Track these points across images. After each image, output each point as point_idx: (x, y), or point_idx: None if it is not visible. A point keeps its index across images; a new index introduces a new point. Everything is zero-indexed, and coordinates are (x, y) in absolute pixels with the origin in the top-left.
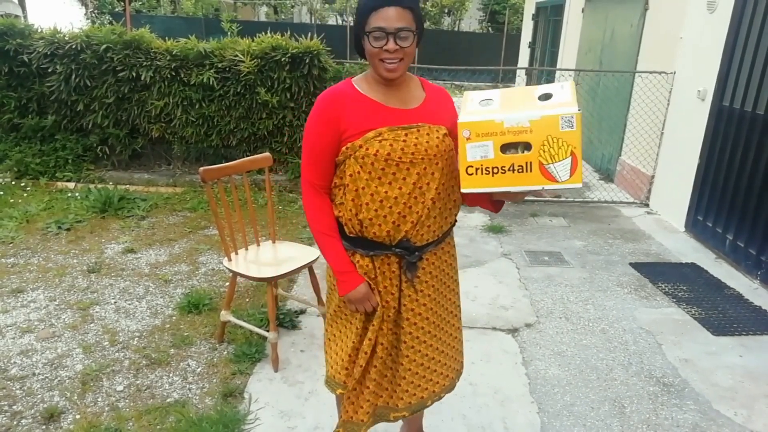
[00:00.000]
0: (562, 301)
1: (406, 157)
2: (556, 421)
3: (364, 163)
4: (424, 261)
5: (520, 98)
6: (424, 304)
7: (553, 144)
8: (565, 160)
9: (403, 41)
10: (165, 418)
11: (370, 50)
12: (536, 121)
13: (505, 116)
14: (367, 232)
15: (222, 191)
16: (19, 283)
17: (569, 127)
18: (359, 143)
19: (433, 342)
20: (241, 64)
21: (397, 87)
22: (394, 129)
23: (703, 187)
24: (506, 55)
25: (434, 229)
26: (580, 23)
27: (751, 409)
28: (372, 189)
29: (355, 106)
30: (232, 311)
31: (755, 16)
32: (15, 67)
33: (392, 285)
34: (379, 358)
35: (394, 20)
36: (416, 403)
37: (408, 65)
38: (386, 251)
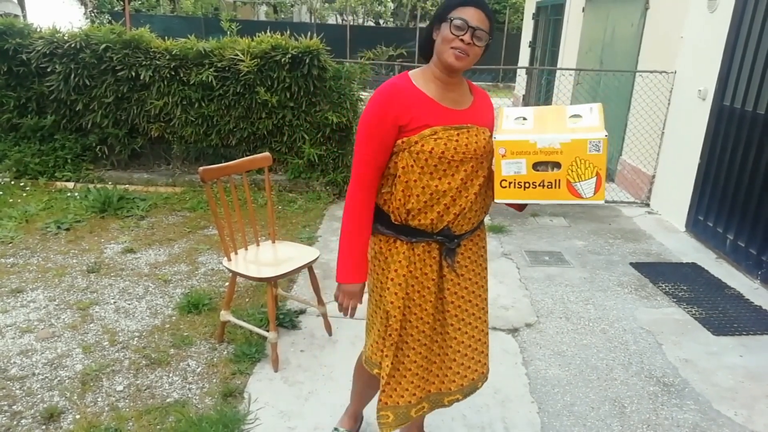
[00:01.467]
0: (562, 301)
1: (457, 156)
2: (556, 421)
3: (418, 158)
4: (462, 247)
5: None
6: (465, 287)
7: (580, 165)
8: (590, 179)
9: (478, 39)
10: (165, 418)
11: (446, 35)
12: (567, 144)
13: (539, 137)
14: (412, 220)
15: (221, 191)
16: (18, 283)
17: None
18: (415, 139)
19: (478, 324)
20: (240, 63)
21: (452, 87)
22: (447, 128)
23: (704, 187)
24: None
25: (474, 221)
26: (581, 22)
27: (751, 410)
28: (423, 182)
29: (414, 102)
30: (231, 311)
31: (756, 15)
32: (14, 66)
33: (432, 271)
34: (420, 343)
35: (477, 20)
36: (468, 385)
37: (470, 65)
38: (428, 238)
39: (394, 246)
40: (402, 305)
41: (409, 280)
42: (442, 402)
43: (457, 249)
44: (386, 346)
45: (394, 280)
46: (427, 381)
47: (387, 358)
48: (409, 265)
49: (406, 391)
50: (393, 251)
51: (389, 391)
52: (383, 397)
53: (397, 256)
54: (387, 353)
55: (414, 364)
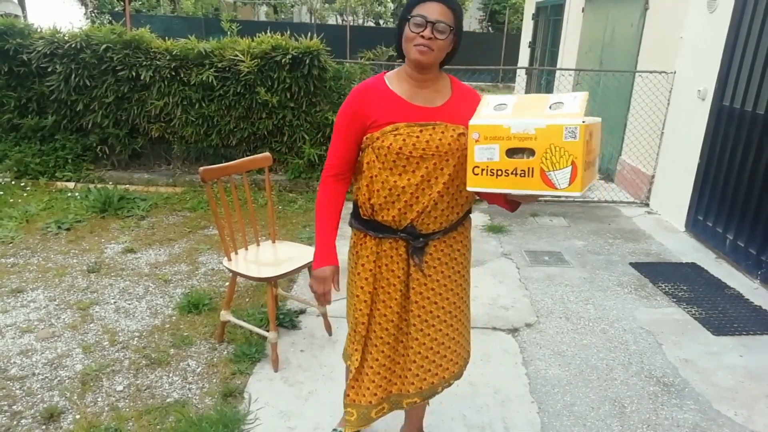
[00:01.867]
0: (562, 301)
1: (416, 152)
2: (556, 421)
3: (379, 154)
4: (432, 248)
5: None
6: (432, 289)
7: (555, 152)
8: (565, 168)
9: (439, 33)
10: (165, 418)
11: (408, 35)
12: (541, 130)
13: (513, 122)
14: (377, 215)
15: (222, 191)
16: (18, 283)
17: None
18: (377, 135)
19: (442, 327)
20: (241, 64)
21: (425, 84)
22: (411, 125)
23: (704, 187)
24: (506, 54)
25: (441, 220)
26: (581, 23)
27: (751, 410)
28: (383, 177)
29: (381, 101)
30: (231, 311)
31: (755, 15)
32: (15, 66)
33: (399, 268)
34: (383, 341)
35: (436, 13)
36: (427, 388)
37: (438, 59)
38: (393, 235)
39: (364, 241)
40: (368, 299)
41: (377, 276)
42: (401, 404)
43: (425, 248)
44: (356, 339)
45: (360, 275)
46: (390, 381)
47: (356, 353)
48: (376, 260)
49: (367, 390)
50: (362, 246)
51: (356, 388)
52: (351, 393)
53: (365, 251)
54: (356, 347)
55: (376, 362)
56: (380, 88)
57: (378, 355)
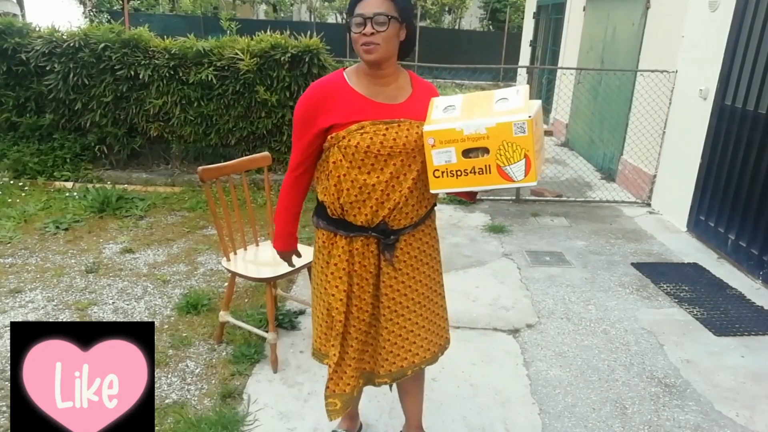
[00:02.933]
0: (563, 302)
1: (384, 150)
2: (557, 422)
3: (346, 153)
4: (402, 242)
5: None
6: (402, 282)
7: (508, 148)
8: (519, 162)
9: (379, 26)
10: (164, 419)
11: (353, 36)
12: (492, 128)
13: (465, 124)
14: (347, 215)
15: (221, 191)
16: (17, 284)
17: (521, 132)
18: (343, 134)
19: (412, 316)
20: (240, 62)
21: (385, 81)
22: (376, 123)
23: (705, 187)
24: (507, 53)
25: (411, 216)
26: (582, 21)
27: (753, 410)
28: (352, 176)
29: (343, 99)
30: (230, 312)
31: (757, 14)
32: (13, 65)
33: (371, 264)
34: (360, 331)
35: (372, 7)
36: (396, 371)
37: (389, 52)
38: (365, 233)
39: (335, 240)
40: (344, 297)
41: (351, 274)
42: (373, 381)
43: (396, 244)
44: (333, 336)
45: (334, 274)
46: (363, 361)
47: (334, 348)
48: (349, 259)
49: (351, 378)
50: (334, 246)
51: (336, 380)
52: (331, 385)
53: (336, 250)
54: (334, 343)
55: (357, 352)
56: (341, 86)
57: (357, 345)
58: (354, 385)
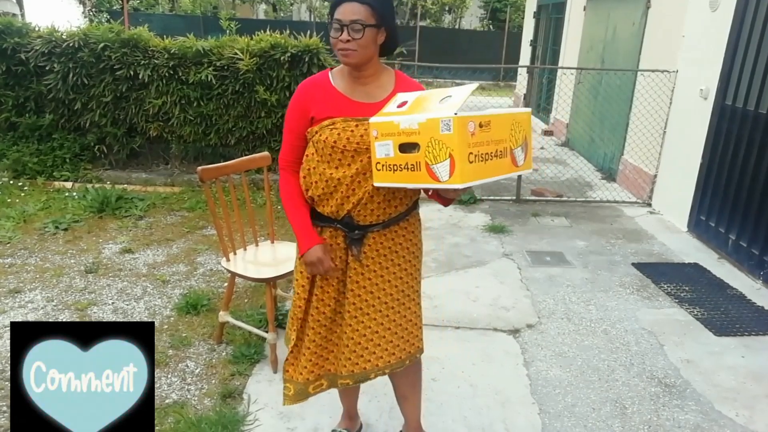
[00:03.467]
0: (563, 302)
1: (350, 146)
2: (557, 422)
3: (317, 147)
4: (371, 239)
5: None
6: (369, 279)
7: (435, 146)
8: (444, 161)
9: (355, 33)
10: (164, 419)
11: (331, 41)
12: (423, 124)
13: (402, 118)
14: (317, 206)
15: (220, 191)
16: (16, 284)
17: (447, 130)
18: (316, 129)
19: (377, 317)
20: (239, 62)
21: (365, 80)
22: (347, 120)
23: (706, 187)
24: (507, 53)
25: (378, 213)
26: (582, 21)
27: (753, 410)
28: (320, 170)
29: (324, 96)
30: (230, 312)
31: (757, 14)
32: (12, 65)
33: (337, 257)
34: (320, 324)
35: (349, 14)
36: (359, 372)
37: (365, 57)
38: (332, 225)
39: None
40: (306, 284)
41: None
42: (335, 383)
43: (364, 240)
44: (293, 322)
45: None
46: (327, 360)
47: (293, 332)
48: None
49: (304, 369)
50: None
51: (293, 363)
52: (289, 369)
53: None
54: (293, 328)
55: (313, 343)
56: (323, 84)
57: (315, 336)
58: (308, 378)
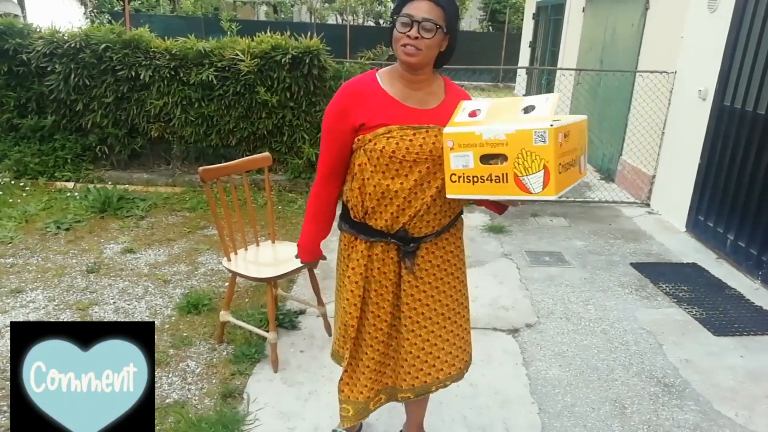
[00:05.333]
0: (562, 302)
1: (410, 156)
2: (556, 422)
3: (371, 156)
4: (424, 251)
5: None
6: (424, 291)
7: (527, 157)
8: (538, 173)
9: (426, 32)
10: (164, 419)
11: (395, 35)
12: (511, 135)
13: (485, 129)
14: (369, 219)
15: (221, 191)
16: (18, 283)
17: (542, 141)
18: (369, 137)
19: (435, 329)
20: (240, 63)
21: (418, 86)
22: (403, 128)
23: (704, 187)
24: (507, 54)
25: (433, 224)
26: (581, 22)
27: (752, 410)
28: (375, 181)
29: (373, 101)
30: (231, 311)
31: (756, 15)
32: (14, 66)
33: (390, 271)
34: (378, 341)
35: (423, 11)
36: (419, 386)
37: (428, 59)
38: (384, 239)
39: (355, 244)
40: (358, 302)
41: (368, 278)
42: (395, 397)
43: (417, 252)
44: (346, 341)
45: (351, 278)
46: (384, 374)
47: (347, 351)
48: (367, 264)
49: (365, 387)
50: (353, 249)
51: (350, 385)
52: (343, 387)
53: (356, 254)
54: (347, 347)
55: (372, 361)
56: (372, 87)
57: (374, 354)
58: (369, 396)
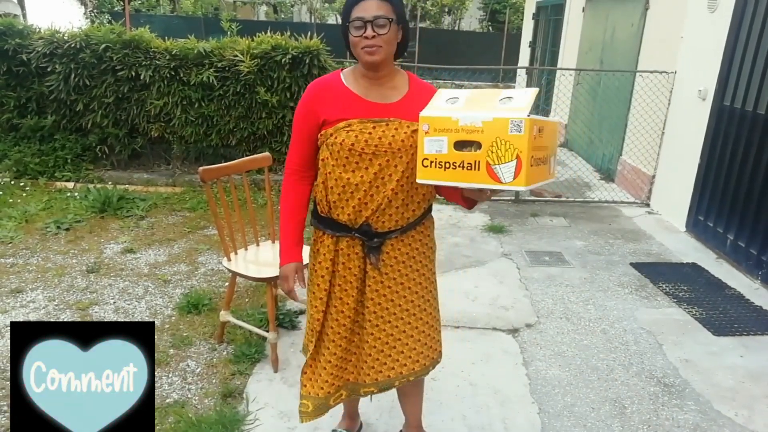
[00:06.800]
0: (562, 302)
1: (368, 149)
2: (556, 422)
3: (333, 150)
4: (389, 246)
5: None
6: (389, 287)
7: (501, 146)
8: (510, 162)
9: (380, 28)
10: (164, 419)
11: (352, 40)
12: (488, 122)
13: (462, 115)
14: (333, 213)
15: (221, 191)
16: (18, 283)
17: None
18: (330, 131)
19: (399, 324)
20: (240, 63)
21: (380, 82)
22: (363, 121)
23: (704, 187)
24: (506, 54)
25: (396, 218)
26: (581, 22)
27: (751, 410)
28: (336, 174)
29: (336, 97)
30: (231, 311)
31: (756, 15)
32: (14, 66)
33: (356, 266)
34: (340, 336)
35: (372, 10)
36: (383, 380)
37: (388, 53)
38: (349, 234)
39: (323, 239)
40: (324, 296)
41: (334, 273)
42: (358, 392)
43: (382, 247)
44: (311, 334)
45: (317, 272)
46: (345, 370)
47: (311, 344)
48: (333, 258)
49: (325, 383)
50: (321, 244)
51: (312, 379)
52: (306, 383)
53: (323, 249)
54: (311, 340)
55: (334, 356)
56: (335, 85)
57: (335, 348)
58: (329, 392)
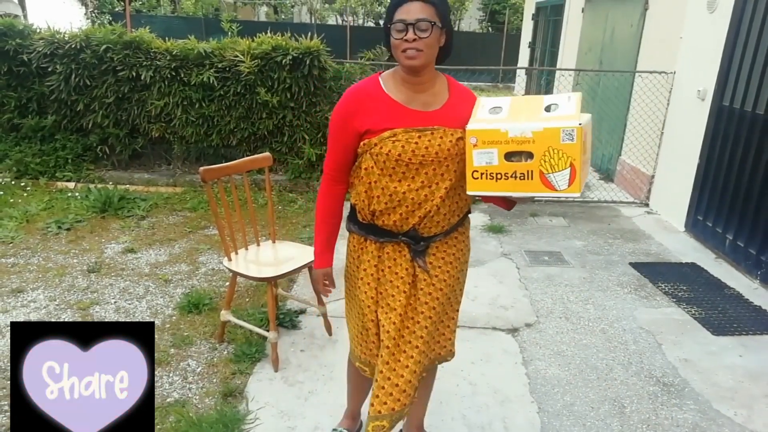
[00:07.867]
0: (562, 301)
1: (416, 158)
2: (556, 421)
3: (378, 160)
4: (434, 249)
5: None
6: (441, 289)
7: (553, 155)
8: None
9: (422, 32)
10: (165, 418)
11: (393, 42)
12: (538, 133)
13: (510, 126)
14: (377, 220)
15: (222, 191)
16: (19, 283)
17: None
18: (375, 141)
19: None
20: (241, 64)
21: (421, 88)
22: (408, 131)
23: (703, 187)
24: (506, 55)
25: (443, 224)
26: (580, 23)
27: (751, 409)
28: (383, 184)
29: (377, 105)
30: (232, 311)
31: (755, 15)
32: (15, 66)
33: (403, 269)
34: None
35: (415, 12)
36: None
37: (430, 58)
38: (394, 239)
39: (365, 245)
40: (372, 304)
41: (381, 279)
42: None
43: (427, 250)
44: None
45: (363, 279)
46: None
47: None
48: (378, 264)
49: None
50: (363, 250)
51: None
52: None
53: (366, 255)
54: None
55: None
56: (376, 92)
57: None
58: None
